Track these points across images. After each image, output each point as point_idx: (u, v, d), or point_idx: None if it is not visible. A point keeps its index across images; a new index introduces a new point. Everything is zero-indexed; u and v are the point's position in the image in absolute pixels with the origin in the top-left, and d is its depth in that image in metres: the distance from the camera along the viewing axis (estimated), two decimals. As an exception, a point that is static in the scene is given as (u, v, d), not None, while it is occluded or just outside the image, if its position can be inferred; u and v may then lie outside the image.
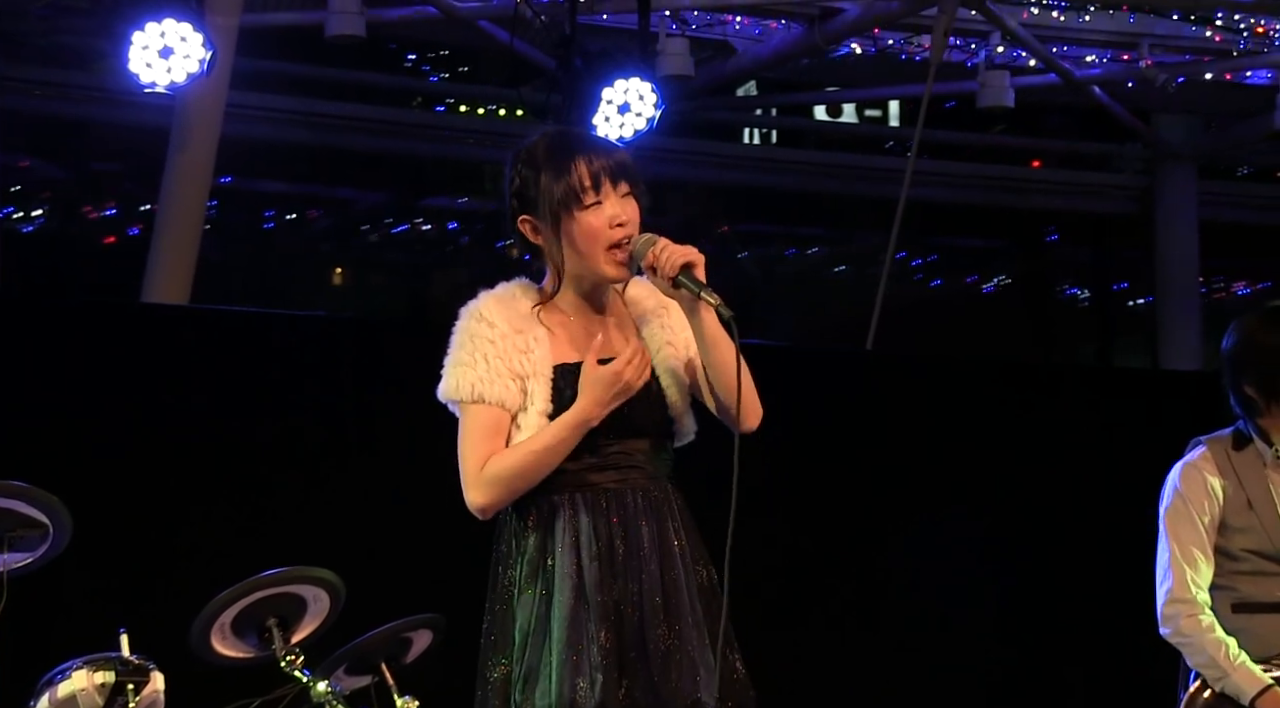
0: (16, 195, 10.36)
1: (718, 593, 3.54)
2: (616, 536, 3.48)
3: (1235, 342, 4.62)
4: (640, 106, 7.72)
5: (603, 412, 3.44)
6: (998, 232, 12.25)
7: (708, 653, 3.47)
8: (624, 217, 3.49)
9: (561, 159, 3.50)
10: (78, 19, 8.45)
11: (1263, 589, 4.60)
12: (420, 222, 11.47)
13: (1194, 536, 4.60)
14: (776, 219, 12.04)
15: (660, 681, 3.43)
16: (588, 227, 3.49)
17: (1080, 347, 12.57)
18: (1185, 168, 10.80)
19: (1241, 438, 4.64)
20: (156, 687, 4.88)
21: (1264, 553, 4.59)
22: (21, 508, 4.78)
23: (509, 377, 3.49)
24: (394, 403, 6.34)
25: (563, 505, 3.49)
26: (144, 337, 7.12)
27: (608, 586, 3.45)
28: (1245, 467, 4.61)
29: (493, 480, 3.48)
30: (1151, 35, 9.59)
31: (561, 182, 3.48)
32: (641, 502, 3.50)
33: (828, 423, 7.95)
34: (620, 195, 3.50)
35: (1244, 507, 4.59)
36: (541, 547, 3.49)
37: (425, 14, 8.73)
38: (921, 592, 7.89)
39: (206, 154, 8.13)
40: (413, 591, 5.42)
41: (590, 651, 3.42)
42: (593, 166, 3.49)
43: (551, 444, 3.45)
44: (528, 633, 3.47)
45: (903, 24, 9.22)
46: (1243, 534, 4.60)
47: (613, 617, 3.43)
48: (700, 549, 3.57)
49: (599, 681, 3.40)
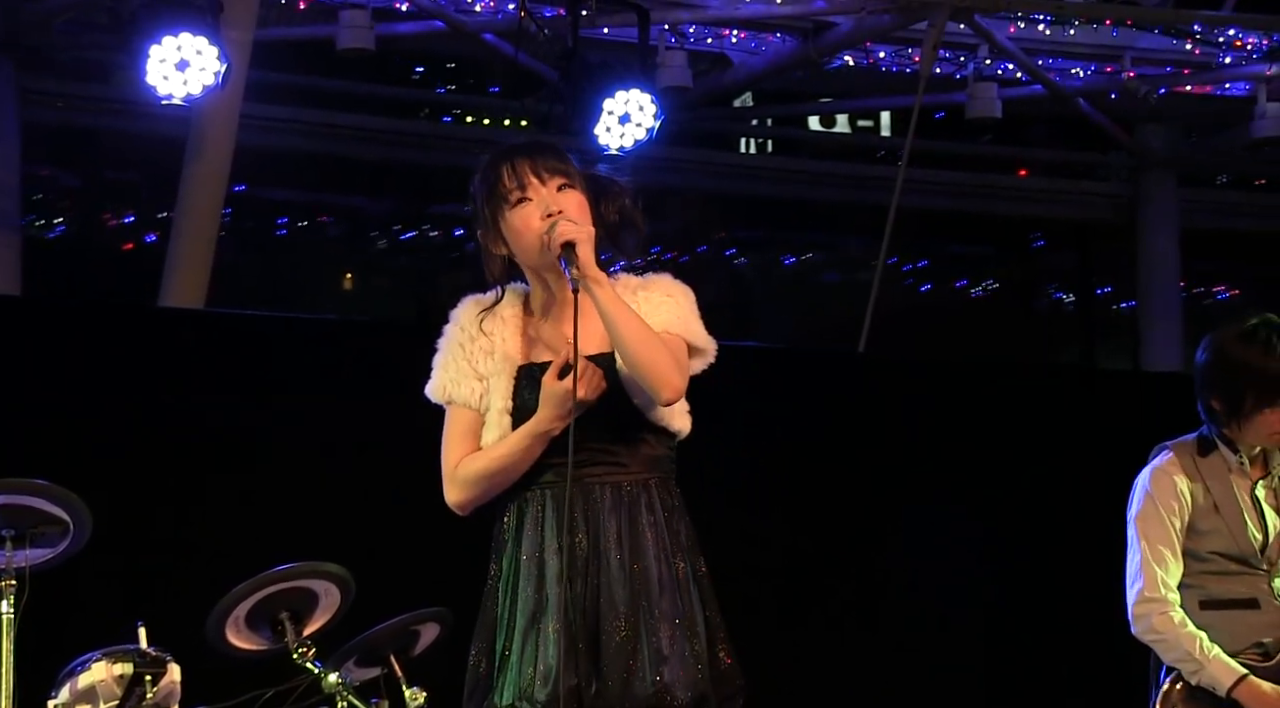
0: (39, 203, 10.35)
1: (702, 584, 3.53)
2: (579, 530, 3.47)
3: (1207, 356, 4.62)
4: (640, 117, 7.72)
5: (562, 424, 3.44)
6: (986, 238, 12.23)
7: (683, 643, 3.45)
8: (555, 207, 3.48)
9: (489, 169, 3.54)
10: (98, 34, 8.44)
11: (1228, 587, 4.61)
12: (427, 228, 11.47)
13: (1164, 537, 4.61)
14: (772, 225, 12.02)
15: (613, 671, 3.41)
16: (516, 222, 3.51)
17: (1065, 349, 12.55)
18: (1166, 176, 10.78)
19: (1206, 443, 4.64)
20: (173, 678, 4.88)
21: (1229, 554, 4.60)
22: (42, 505, 4.78)
23: (473, 378, 3.54)
24: (401, 403, 6.33)
25: (532, 501, 3.51)
26: (161, 338, 7.12)
27: (566, 580, 3.44)
28: (1211, 471, 4.62)
29: (464, 482, 3.54)
30: (1134, 49, 9.59)
31: (489, 186, 3.52)
32: (610, 496, 3.48)
33: (822, 423, 7.94)
34: (554, 188, 3.50)
35: (1211, 510, 4.60)
36: (515, 541, 3.52)
37: (433, 28, 8.73)
38: (915, 589, 7.88)
39: (221, 163, 8.13)
40: (420, 585, 5.41)
41: (545, 643, 3.43)
42: (516, 166, 3.50)
43: (513, 452, 3.49)
44: (499, 624, 3.51)
45: (894, 37, 9.22)
46: (1209, 537, 4.60)
47: (570, 609, 3.42)
48: (682, 542, 3.53)
49: (553, 670, 3.40)
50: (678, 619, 3.46)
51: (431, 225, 11.44)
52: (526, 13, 7.95)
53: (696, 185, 10.81)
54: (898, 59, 9.44)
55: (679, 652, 3.45)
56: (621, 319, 3.42)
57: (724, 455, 6.66)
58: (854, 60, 9.41)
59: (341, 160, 10.25)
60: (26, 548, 4.75)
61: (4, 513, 4.73)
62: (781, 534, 7.71)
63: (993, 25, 9.02)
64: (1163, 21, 9.43)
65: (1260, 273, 12.48)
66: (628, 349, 3.42)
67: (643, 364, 3.42)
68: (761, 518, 7.64)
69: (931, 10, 8.55)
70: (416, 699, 4.93)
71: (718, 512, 3.43)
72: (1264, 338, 4.52)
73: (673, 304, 3.56)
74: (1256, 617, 4.58)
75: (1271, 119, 9.36)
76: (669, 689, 3.42)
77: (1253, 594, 4.59)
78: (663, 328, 3.51)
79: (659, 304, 3.54)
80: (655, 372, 3.43)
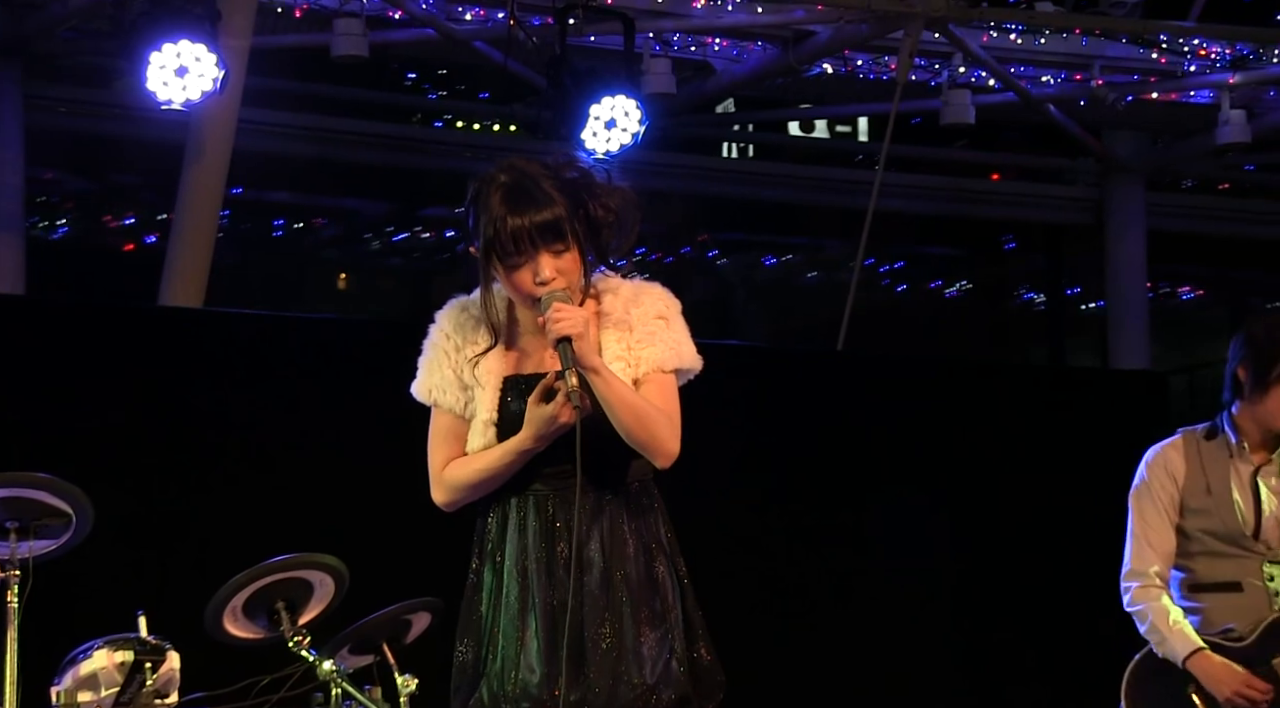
0: (42, 205, 10.33)
1: (683, 584, 3.52)
2: (561, 537, 3.46)
3: (1247, 329, 4.67)
4: (626, 122, 7.72)
5: (543, 444, 3.43)
6: (959, 240, 12.24)
7: (665, 645, 3.44)
8: (548, 274, 3.42)
9: (493, 215, 3.43)
10: (100, 41, 8.42)
11: (1216, 570, 4.64)
12: (420, 230, 11.46)
13: (1154, 513, 4.65)
14: (754, 228, 12.01)
15: (598, 674, 3.40)
16: (511, 281, 3.46)
17: (1035, 347, 12.57)
18: (1134, 181, 10.80)
19: (1214, 429, 4.69)
20: (172, 665, 4.88)
21: (1216, 534, 4.63)
22: (46, 498, 4.77)
23: (458, 387, 3.52)
24: (394, 400, 6.34)
25: (515, 507, 3.50)
26: (161, 337, 7.11)
27: (549, 585, 3.44)
28: (1211, 454, 4.66)
29: (449, 486, 3.53)
30: (1103, 58, 9.60)
31: (489, 234, 3.43)
32: (591, 505, 3.46)
33: (802, 419, 7.95)
34: (552, 252, 3.43)
35: (1203, 491, 4.64)
36: (499, 544, 3.51)
37: (425, 36, 8.71)
38: (891, 581, 7.89)
39: (220, 166, 8.11)
40: (412, 576, 5.41)
41: (530, 647, 3.42)
42: (515, 229, 3.41)
43: (496, 465, 3.47)
44: (483, 624, 3.50)
45: (871, 46, 9.22)
46: (1198, 516, 4.64)
47: (553, 615, 3.42)
48: (663, 544, 3.52)
49: (538, 673, 3.40)
50: (659, 622, 3.46)
51: (424, 227, 11.43)
52: (516, 21, 7.94)
53: (680, 189, 10.81)
54: (875, 67, 9.44)
55: (662, 654, 3.44)
56: (619, 403, 3.41)
57: (706, 451, 6.65)
58: (833, 68, 9.41)
59: (336, 164, 10.23)
60: (30, 540, 4.74)
61: (9, 506, 4.73)
62: (761, 528, 7.72)
63: (966, 34, 9.03)
64: (1130, 31, 9.45)
65: (1224, 275, 12.51)
66: (627, 429, 3.42)
67: (642, 440, 3.43)
68: (742, 512, 7.65)
69: (907, 20, 8.56)
70: (408, 686, 4.93)
71: (699, 508, 3.43)
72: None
73: (664, 329, 3.51)
74: (1238, 599, 4.61)
75: (1235, 126, 9.37)
76: (653, 691, 3.42)
77: (1238, 578, 4.61)
78: (655, 367, 3.49)
79: (652, 332, 3.51)
80: (654, 445, 3.44)
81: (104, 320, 7.12)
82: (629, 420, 3.41)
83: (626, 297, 3.54)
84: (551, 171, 3.48)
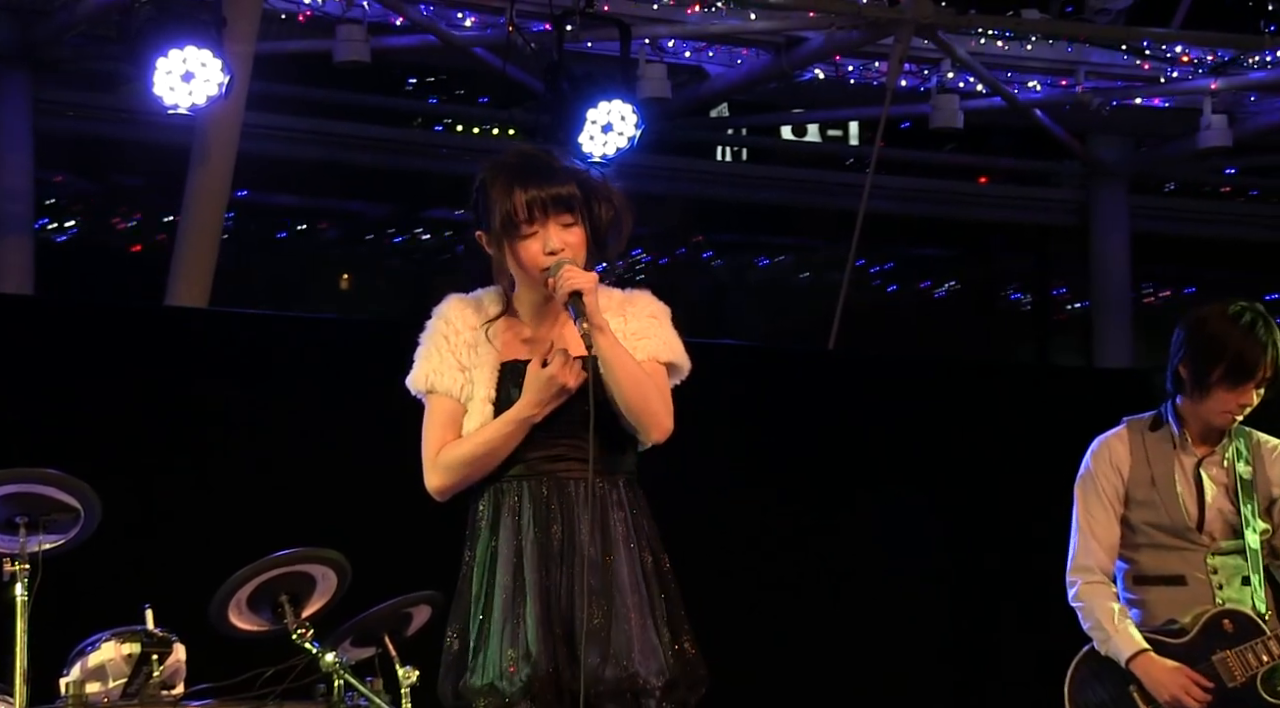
0: (50, 207, 10.32)
1: (666, 579, 3.52)
2: (555, 521, 3.47)
3: (1188, 326, 4.56)
4: (622, 126, 7.73)
5: (543, 410, 3.44)
6: (948, 242, 12.24)
7: (651, 633, 3.45)
8: (558, 245, 3.45)
9: (506, 186, 3.47)
10: (107, 47, 8.41)
11: (1160, 563, 4.55)
12: (420, 232, 11.46)
13: (1098, 505, 4.57)
14: (747, 230, 12.01)
15: (588, 656, 3.40)
16: (523, 254, 3.48)
17: (1022, 346, 12.57)
18: (1118, 184, 10.81)
19: (1158, 420, 4.61)
20: (178, 657, 4.88)
21: (1161, 526, 4.53)
22: (54, 493, 4.76)
23: (457, 368, 3.53)
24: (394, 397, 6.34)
25: (509, 492, 3.50)
26: (167, 336, 7.11)
27: (543, 568, 3.44)
28: (1155, 446, 4.57)
29: (446, 467, 3.51)
30: (1087, 63, 9.61)
31: (502, 209, 3.46)
32: (583, 492, 3.47)
33: (793, 417, 7.94)
34: (561, 225, 3.46)
35: (1147, 482, 4.55)
36: (491, 529, 3.51)
37: (425, 41, 8.72)
38: (881, 578, 7.88)
39: (224, 170, 8.11)
40: (412, 570, 5.40)
41: (524, 628, 3.42)
42: (529, 199, 3.45)
43: (496, 437, 3.47)
44: (475, 608, 3.50)
45: (862, 52, 9.23)
46: (1143, 508, 4.55)
47: (546, 596, 3.42)
48: (647, 538, 3.53)
49: (531, 654, 3.40)
50: (646, 610, 3.47)
51: (425, 229, 11.43)
52: (515, 28, 7.94)
53: (675, 191, 10.80)
54: (865, 72, 9.44)
55: (649, 640, 3.45)
56: (620, 366, 3.42)
57: (698, 449, 6.66)
58: (824, 73, 9.41)
59: (339, 167, 10.23)
60: (39, 534, 4.73)
61: (18, 501, 4.72)
62: (754, 526, 7.71)
63: (955, 41, 9.04)
64: (1114, 38, 9.46)
65: (1206, 275, 12.52)
66: (625, 394, 3.43)
67: (638, 408, 3.44)
68: (736, 510, 7.64)
69: (897, 26, 8.57)
70: (409, 678, 4.92)
71: (692, 506, 3.44)
72: (1248, 321, 4.47)
73: (657, 326, 3.55)
74: (1181, 592, 4.51)
75: (1217, 130, 9.39)
76: (641, 674, 3.42)
77: (1181, 571, 4.52)
78: (650, 355, 3.51)
79: (645, 326, 3.54)
80: (649, 416, 3.46)
81: (111, 320, 7.12)
82: (629, 385, 3.42)
83: (620, 299, 3.57)
84: (560, 158, 3.54)
